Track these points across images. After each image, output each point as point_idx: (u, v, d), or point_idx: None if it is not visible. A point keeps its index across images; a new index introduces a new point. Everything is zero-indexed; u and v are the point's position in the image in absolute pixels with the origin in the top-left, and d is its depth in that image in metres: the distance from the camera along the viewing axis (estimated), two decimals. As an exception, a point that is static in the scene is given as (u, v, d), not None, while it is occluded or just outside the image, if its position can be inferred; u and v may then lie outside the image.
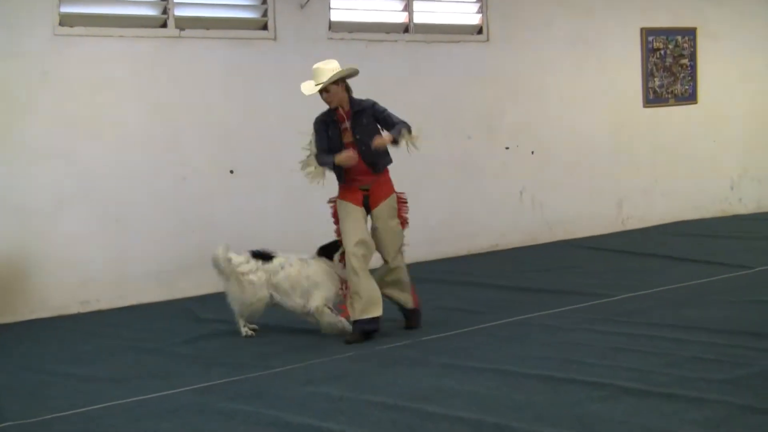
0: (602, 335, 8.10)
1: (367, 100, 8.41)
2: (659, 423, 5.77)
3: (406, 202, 8.63)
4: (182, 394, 6.91)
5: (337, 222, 8.52)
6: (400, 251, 8.53)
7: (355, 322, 8.22)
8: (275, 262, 8.57)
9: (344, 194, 8.40)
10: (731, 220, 15.25)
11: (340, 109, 8.30)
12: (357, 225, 8.28)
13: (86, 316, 10.06)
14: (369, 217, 8.42)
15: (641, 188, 14.89)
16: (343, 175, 8.34)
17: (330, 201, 8.58)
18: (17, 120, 9.92)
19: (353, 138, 8.27)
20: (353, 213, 8.31)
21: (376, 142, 8.20)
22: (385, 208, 8.38)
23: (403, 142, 8.24)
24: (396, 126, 8.25)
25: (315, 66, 8.24)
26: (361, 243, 8.22)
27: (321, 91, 8.23)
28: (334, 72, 8.17)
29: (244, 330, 8.62)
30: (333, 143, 8.32)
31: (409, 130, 8.27)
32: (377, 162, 8.32)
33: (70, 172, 10.16)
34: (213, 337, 8.78)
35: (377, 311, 8.19)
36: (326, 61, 8.31)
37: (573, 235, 13.97)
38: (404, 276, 8.57)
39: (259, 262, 8.55)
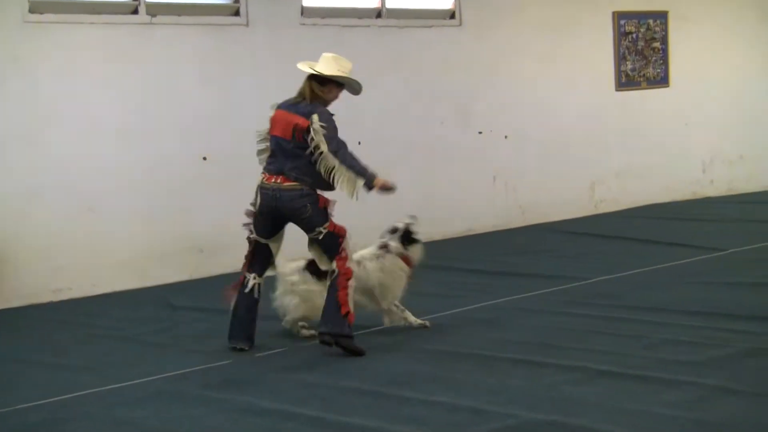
0: (577, 318, 8.14)
1: None
2: (634, 405, 5.81)
3: None
4: (157, 381, 6.89)
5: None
6: None
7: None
8: None
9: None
10: (703, 203, 15.33)
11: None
12: None
13: (59, 304, 9.99)
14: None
15: (614, 171, 14.93)
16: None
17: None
18: (-13, 108, 9.86)
19: None
20: None
21: None
22: None
23: None
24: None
25: (337, 55, 7.63)
26: None
27: (328, 84, 7.53)
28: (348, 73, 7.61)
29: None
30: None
31: None
32: None
33: (41, 160, 10.07)
34: (187, 325, 8.75)
35: None
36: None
37: (546, 219, 13.99)
38: None
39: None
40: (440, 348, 7.34)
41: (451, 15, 13.16)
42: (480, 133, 13.46)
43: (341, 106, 8.13)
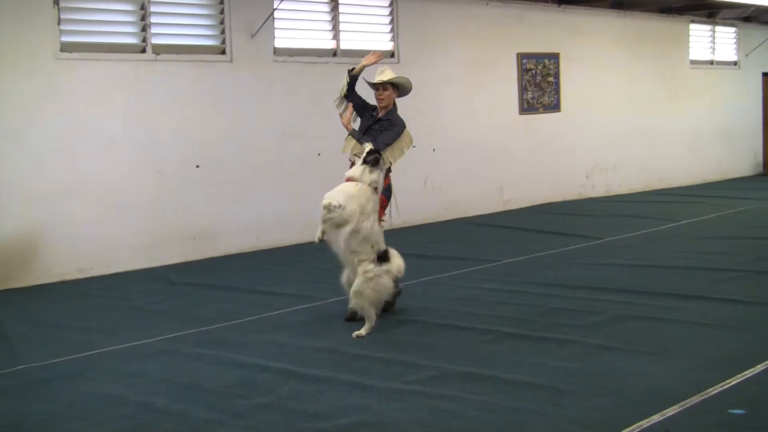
0: (489, 292, 8.20)
1: (398, 118, 7.78)
2: (533, 359, 5.89)
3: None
4: (160, 342, 6.87)
5: None
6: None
7: None
8: None
9: None
10: (586, 202, 15.47)
11: (379, 111, 7.77)
12: None
13: (82, 281, 9.88)
14: None
15: (518, 177, 15.01)
16: None
17: None
18: (27, 125, 9.69)
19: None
20: None
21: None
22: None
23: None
24: (368, 137, 7.69)
25: (384, 67, 7.74)
26: None
27: (378, 87, 7.64)
28: (398, 77, 7.68)
29: None
30: (362, 124, 7.92)
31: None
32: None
33: (69, 167, 9.95)
34: (183, 297, 8.70)
35: None
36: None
37: (465, 214, 14.05)
38: None
39: None
40: (385, 316, 7.34)
41: (392, 54, 13.17)
42: (414, 146, 13.44)
43: (308, 126, 8.11)
